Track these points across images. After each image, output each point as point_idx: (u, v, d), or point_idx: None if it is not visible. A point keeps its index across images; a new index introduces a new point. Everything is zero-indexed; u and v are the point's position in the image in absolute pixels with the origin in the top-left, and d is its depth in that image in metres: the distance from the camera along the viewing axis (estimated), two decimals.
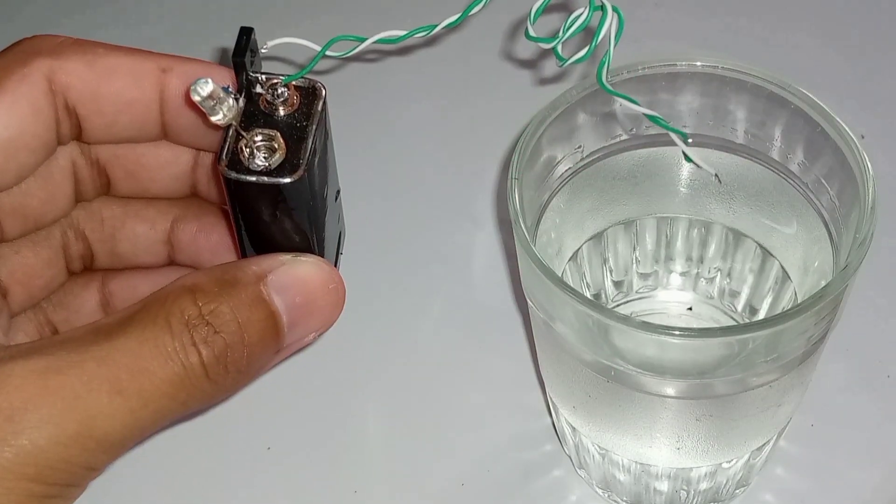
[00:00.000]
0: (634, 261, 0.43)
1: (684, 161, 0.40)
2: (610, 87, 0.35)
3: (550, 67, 0.56)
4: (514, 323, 0.48)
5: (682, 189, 0.41)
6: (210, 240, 0.39)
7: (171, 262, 0.39)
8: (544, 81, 0.55)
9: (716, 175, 0.39)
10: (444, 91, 0.56)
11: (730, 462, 0.40)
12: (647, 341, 0.33)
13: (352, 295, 0.35)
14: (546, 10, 0.33)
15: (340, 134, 0.36)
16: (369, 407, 0.46)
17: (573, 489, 0.44)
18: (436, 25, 0.33)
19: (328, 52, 0.32)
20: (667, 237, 0.42)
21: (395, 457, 0.45)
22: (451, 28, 0.33)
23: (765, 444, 0.40)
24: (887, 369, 0.45)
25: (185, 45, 0.54)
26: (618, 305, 0.43)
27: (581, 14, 0.33)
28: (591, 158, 0.40)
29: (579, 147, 0.39)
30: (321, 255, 0.34)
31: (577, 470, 0.44)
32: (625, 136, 0.40)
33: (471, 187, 0.52)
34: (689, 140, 0.39)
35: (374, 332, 0.48)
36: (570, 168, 0.39)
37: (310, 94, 0.32)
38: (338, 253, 0.37)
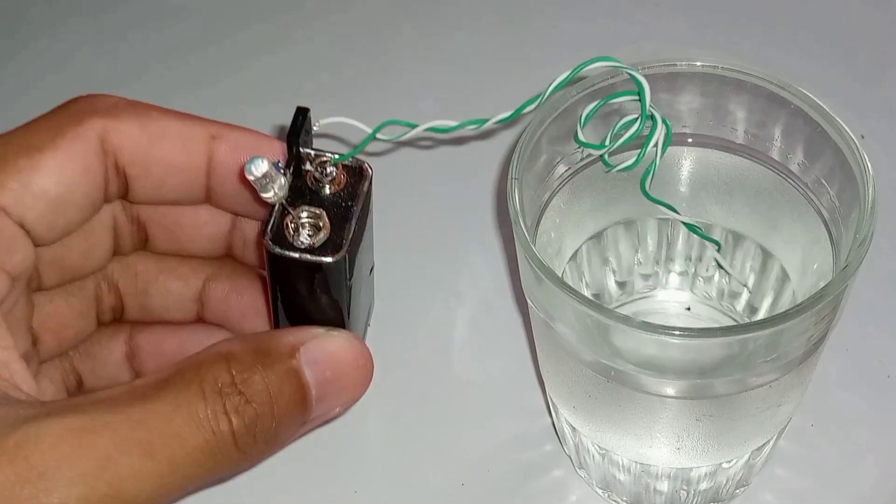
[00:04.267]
0: (637, 262, 0.43)
1: (684, 162, 0.40)
2: (652, 196, 0.36)
3: (549, 65, 0.56)
4: (514, 323, 0.48)
5: (682, 189, 0.41)
6: (241, 301, 0.39)
7: (199, 320, 0.40)
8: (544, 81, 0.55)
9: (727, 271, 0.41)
10: (444, 91, 0.56)
11: (730, 462, 0.40)
12: (647, 341, 0.33)
13: None
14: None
15: None
16: (369, 407, 0.46)
17: (573, 489, 0.44)
18: (486, 120, 0.34)
19: (378, 136, 0.33)
20: (668, 238, 0.42)
21: (395, 457, 0.45)
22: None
23: (765, 444, 0.40)
24: (887, 369, 0.45)
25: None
26: (618, 305, 0.43)
27: (633, 124, 0.35)
28: (591, 158, 0.40)
29: (579, 147, 0.39)
30: (352, 328, 0.35)
31: (577, 470, 0.44)
32: (625, 136, 0.39)
33: (471, 187, 0.52)
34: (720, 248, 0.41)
35: (373, 331, 0.48)
36: (570, 168, 0.39)
37: (356, 174, 0.33)
38: (366, 325, 0.38)
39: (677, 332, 0.33)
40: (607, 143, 0.37)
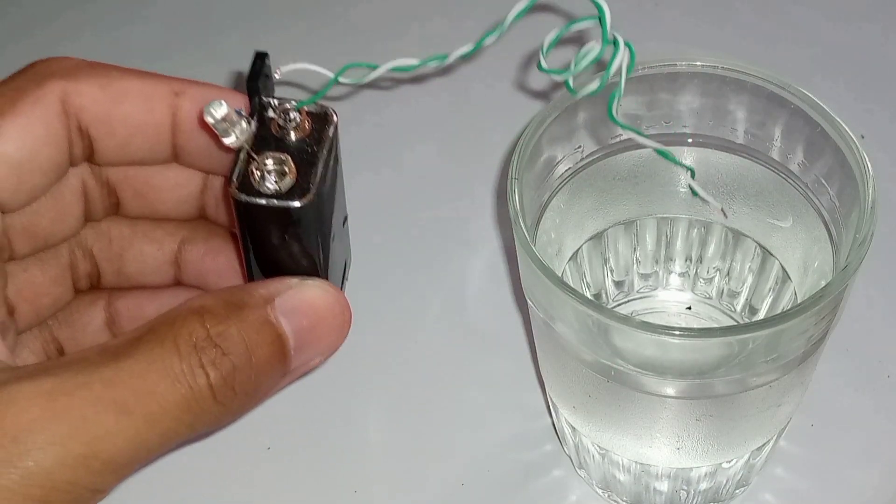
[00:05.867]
0: (635, 261, 0.43)
1: (684, 162, 0.40)
2: (620, 121, 0.35)
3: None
4: (514, 323, 0.48)
5: (681, 189, 0.41)
6: (217, 262, 0.39)
7: (178, 283, 0.40)
8: (544, 83, 0.55)
9: (722, 209, 0.40)
10: (444, 91, 0.56)
11: (730, 462, 0.40)
12: (647, 341, 0.33)
13: (351, 294, 0.35)
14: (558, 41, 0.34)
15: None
16: (369, 407, 0.46)
17: (573, 489, 0.44)
18: (448, 55, 0.33)
19: (341, 79, 0.33)
20: (667, 237, 0.42)
21: (395, 457, 0.45)
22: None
23: (765, 444, 0.40)
24: (887, 369, 0.45)
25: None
26: (618, 305, 0.43)
27: (593, 48, 0.34)
28: (591, 158, 0.40)
29: (579, 147, 0.39)
30: (327, 279, 0.34)
31: (577, 470, 0.44)
32: (625, 136, 0.39)
33: (471, 187, 0.52)
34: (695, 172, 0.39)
35: (374, 331, 0.48)
36: (570, 168, 0.39)
37: (321, 120, 0.33)
38: (343, 279, 0.37)
39: (677, 333, 0.33)
40: (571, 69, 0.35)
